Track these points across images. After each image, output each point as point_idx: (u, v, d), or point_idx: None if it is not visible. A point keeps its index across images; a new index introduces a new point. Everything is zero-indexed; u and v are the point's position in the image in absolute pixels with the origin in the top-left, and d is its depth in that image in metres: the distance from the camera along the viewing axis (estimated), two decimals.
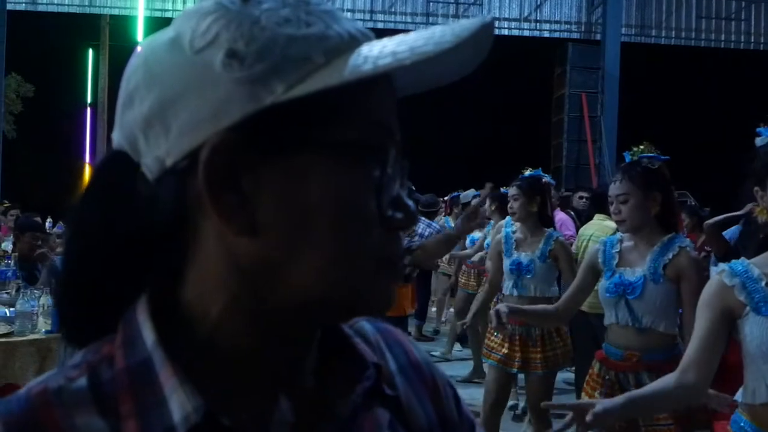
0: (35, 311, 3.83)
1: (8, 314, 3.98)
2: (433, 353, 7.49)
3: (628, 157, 2.81)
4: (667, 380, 2.01)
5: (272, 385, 0.58)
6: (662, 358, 2.67)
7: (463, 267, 7.20)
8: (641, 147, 2.78)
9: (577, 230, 6.43)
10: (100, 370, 0.53)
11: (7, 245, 6.80)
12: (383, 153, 0.54)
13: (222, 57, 0.50)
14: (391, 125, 0.55)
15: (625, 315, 2.74)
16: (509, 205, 4.17)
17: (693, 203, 7.41)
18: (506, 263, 4.11)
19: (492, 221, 6.26)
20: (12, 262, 5.06)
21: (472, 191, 7.84)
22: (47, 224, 9.73)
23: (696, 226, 6.44)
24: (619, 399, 2.05)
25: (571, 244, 6.54)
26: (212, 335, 0.55)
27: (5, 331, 3.70)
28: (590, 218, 5.57)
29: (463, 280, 7.14)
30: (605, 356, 2.82)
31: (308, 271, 0.52)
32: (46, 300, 3.94)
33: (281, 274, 0.52)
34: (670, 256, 2.67)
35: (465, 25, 0.52)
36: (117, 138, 0.57)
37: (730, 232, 4.83)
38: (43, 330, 3.77)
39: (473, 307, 4.67)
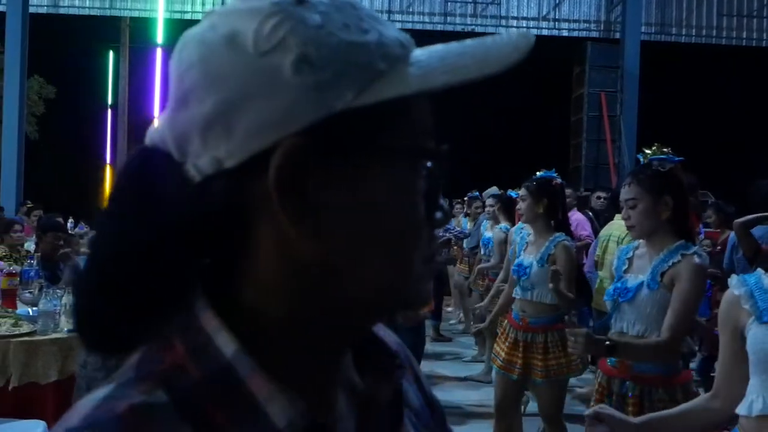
0: (58, 310, 3.88)
1: (31, 313, 4.03)
2: (466, 359, 7.43)
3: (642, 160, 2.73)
4: (698, 402, 1.98)
5: (328, 381, 0.59)
6: (652, 372, 2.58)
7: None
8: (653, 148, 2.66)
9: (595, 231, 6.39)
10: (173, 382, 0.52)
11: (30, 245, 6.87)
12: (433, 157, 0.56)
13: (293, 61, 0.50)
14: (432, 130, 0.57)
15: (619, 321, 2.70)
16: (518, 206, 4.13)
17: (714, 202, 7.34)
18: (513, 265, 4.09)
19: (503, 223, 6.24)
20: (35, 262, 5.11)
21: (494, 189, 7.74)
22: (69, 224, 9.83)
23: (722, 223, 6.39)
24: (640, 418, 2.02)
25: (588, 245, 6.50)
26: (275, 337, 0.55)
27: (28, 330, 3.74)
28: (609, 219, 5.54)
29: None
30: (604, 360, 2.79)
31: (369, 272, 0.54)
32: (68, 299, 3.98)
33: (343, 275, 0.54)
34: (671, 263, 2.57)
35: (520, 39, 0.54)
36: (159, 136, 0.55)
37: (757, 232, 4.80)
38: (66, 329, 3.81)
39: (494, 310, 4.61)
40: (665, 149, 2.64)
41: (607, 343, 2.47)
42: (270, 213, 0.52)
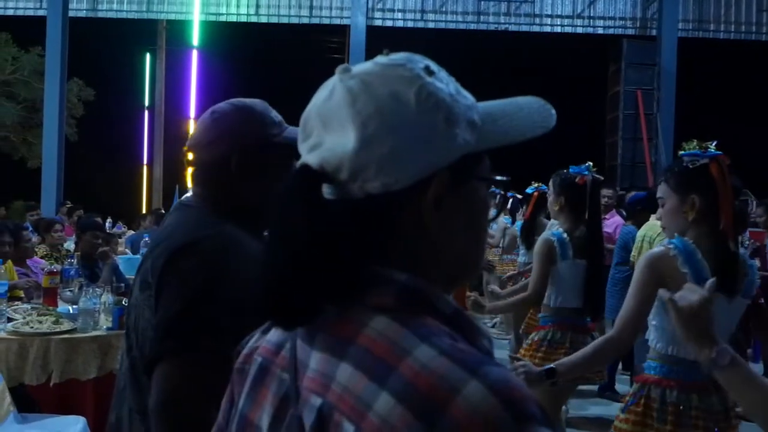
0: (97, 308, 3.94)
1: (71, 311, 4.10)
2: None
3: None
4: None
5: None
6: (689, 378, 2.38)
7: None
8: (693, 144, 2.44)
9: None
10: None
11: (70, 245, 7.01)
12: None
13: (444, 119, 0.75)
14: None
15: None
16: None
17: (755, 202, 7.20)
18: None
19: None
20: (75, 261, 5.21)
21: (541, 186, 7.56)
22: (107, 224, 10.00)
23: None
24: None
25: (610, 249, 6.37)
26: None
27: (69, 328, 3.82)
28: (644, 219, 5.46)
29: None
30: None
31: (471, 254, 0.83)
32: (107, 298, 4.05)
33: (460, 255, 0.82)
34: None
35: (547, 105, 0.83)
36: (334, 165, 0.74)
37: None
38: (105, 327, 3.88)
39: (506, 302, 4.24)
40: (704, 144, 2.42)
41: (545, 370, 2.40)
42: (415, 215, 0.76)
